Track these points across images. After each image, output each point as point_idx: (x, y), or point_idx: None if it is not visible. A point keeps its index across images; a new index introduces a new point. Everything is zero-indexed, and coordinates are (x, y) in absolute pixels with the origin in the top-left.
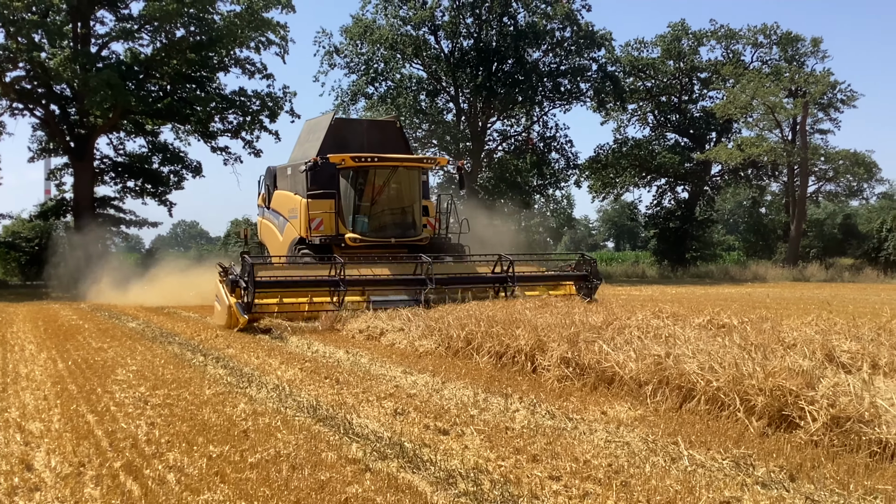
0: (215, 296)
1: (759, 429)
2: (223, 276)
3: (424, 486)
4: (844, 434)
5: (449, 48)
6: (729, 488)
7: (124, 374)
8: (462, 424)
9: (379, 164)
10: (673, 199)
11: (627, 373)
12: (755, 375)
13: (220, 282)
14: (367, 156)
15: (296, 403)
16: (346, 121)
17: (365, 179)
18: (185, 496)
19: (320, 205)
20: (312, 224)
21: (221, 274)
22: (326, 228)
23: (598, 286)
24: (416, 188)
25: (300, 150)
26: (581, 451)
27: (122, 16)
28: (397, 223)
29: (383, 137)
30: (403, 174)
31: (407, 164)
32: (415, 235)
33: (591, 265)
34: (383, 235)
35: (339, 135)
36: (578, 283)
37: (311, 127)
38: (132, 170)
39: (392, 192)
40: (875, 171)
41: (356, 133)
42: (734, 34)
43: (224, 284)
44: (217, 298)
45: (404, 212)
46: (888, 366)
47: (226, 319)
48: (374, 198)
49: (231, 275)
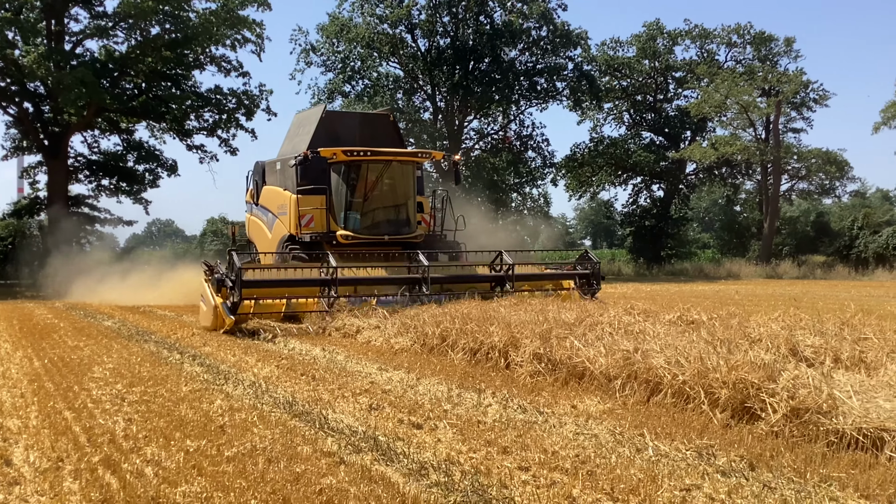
0: (200, 295)
1: (722, 420)
2: (209, 274)
3: (397, 477)
4: (803, 425)
5: (426, 46)
6: (690, 477)
7: (101, 372)
8: (435, 419)
9: (372, 159)
10: (648, 198)
11: (597, 368)
12: (719, 369)
13: (206, 281)
14: (360, 150)
15: (272, 399)
16: (338, 114)
17: (357, 174)
18: (162, 488)
19: (311, 201)
20: (303, 221)
21: (207, 273)
22: (317, 225)
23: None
24: (411, 183)
25: (290, 145)
26: (550, 443)
27: (96, 13)
28: (391, 220)
29: (376, 131)
30: (397, 169)
31: (401, 158)
32: (409, 233)
33: (593, 263)
34: (376, 233)
35: (331, 128)
36: (580, 281)
37: (301, 120)
38: (107, 168)
39: (385, 188)
40: (847, 169)
41: (348, 126)
42: (708, 34)
43: (209, 284)
44: (202, 298)
45: (398, 208)
46: (849, 360)
47: (211, 320)
48: (366, 193)
49: (217, 273)
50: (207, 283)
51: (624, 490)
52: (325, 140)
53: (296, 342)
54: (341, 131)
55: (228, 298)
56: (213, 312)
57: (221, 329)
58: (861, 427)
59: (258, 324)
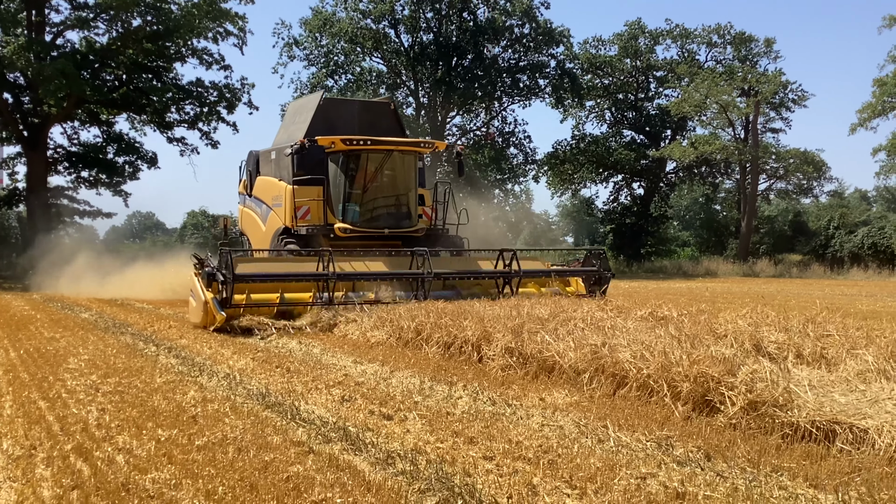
0: (190, 290)
1: (684, 413)
2: (199, 268)
3: (364, 465)
4: (760, 417)
5: (409, 42)
6: (647, 466)
7: (76, 363)
8: (406, 410)
9: (372, 148)
10: (629, 196)
11: (567, 361)
12: (681, 363)
13: (196, 275)
14: (359, 138)
15: (245, 391)
16: (337, 101)
17: (356, 164)
18: (132, 475)
19: (307, 192)
20: (298, 213)
21: (197, 266)
22: (314, 218)
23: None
24: (412, 175)
25: (285, 133)
26: (515, 434)
27: (77, 4)
28: (391, 213)
29: (376, 119)
30: (398, 159)
31: (402, 147)
32: (410, 226)
33: (601, 259)
34: (376, 226)
35: (329, 116)
36: (587, 278)
37: (298, 108)
38: (86, 159)
39: (386, 179)
40: (824, 169)
41: (347, 114)
42: (689, 34)
43: (199, 278)
44: (192, 293)
45: (398, 200)
46: (811, 355)
47: (201, 317)
48: (366, 184)
49: (207, 267)
50: (197, 278)
51: (582, 478)
52: (323, 128)
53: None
54: (340, 119)
55: (219, 293)
56: (203, 308)
57: (212, 326)
58: (815, 420)
59: (250, 321)
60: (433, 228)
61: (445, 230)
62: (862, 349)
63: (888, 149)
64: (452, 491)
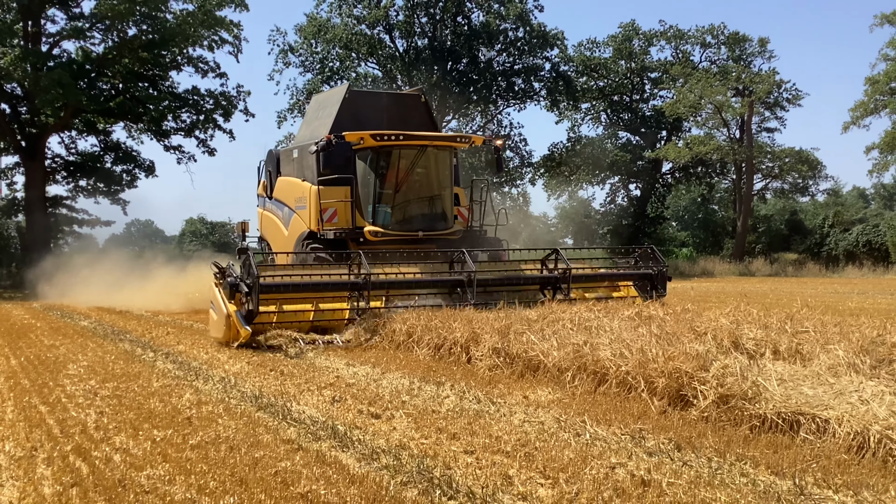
0: (210, 302)
1: (659, 407)
2: (219, 278)
3: (350, 461)
4: (730, 410)
5: (404, 47)
6: (618, 457)
7: (75, 369)
8: (393, 409)
9: (405, 143)
10: (626, 197)
11: (551, 360)
12: (657, 360)
13: (216, 285)
14: (391, 133)
15: (239, 393)
16: (364, 94)
17: (388, 162)
18: (129, 472)
19: (334, 192)
20: (325, 215)
21: (217, 276)
22: (341, 220)
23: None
24: (448, 172)
25: (308, 130)
26: (497, 430)
27: (73, 14)
28: (425, 214)
29: (406, 113)
30: (432, 155)
31: (437, 143)
32: (445, 228)
33: (657, 261)
34: (409, 228)
35: (355, 110)
36: (641, 282)
37: (321, 102)
38: (84, 168)
39: (419, 177)
40: (820, 168)
41: (375, 108)
42: (683, 34)
43: (221, 288)
44: (212, 305)
45: (433, 200)
46: (787, 351)
47: (223, 332)
48: (398, 183)
49: (230, 276)
50: (218, 288)
51: (555, 468)
52: (349, 124)
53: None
54: (367, 113)
55: (243, 306)
56: (226, 322)
57: (235, 342)
58: (780, 411)
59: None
60: (470, 230)
61: (483, 231)
62: (835, 344)
63: (881, 147)
64: (431, 482)
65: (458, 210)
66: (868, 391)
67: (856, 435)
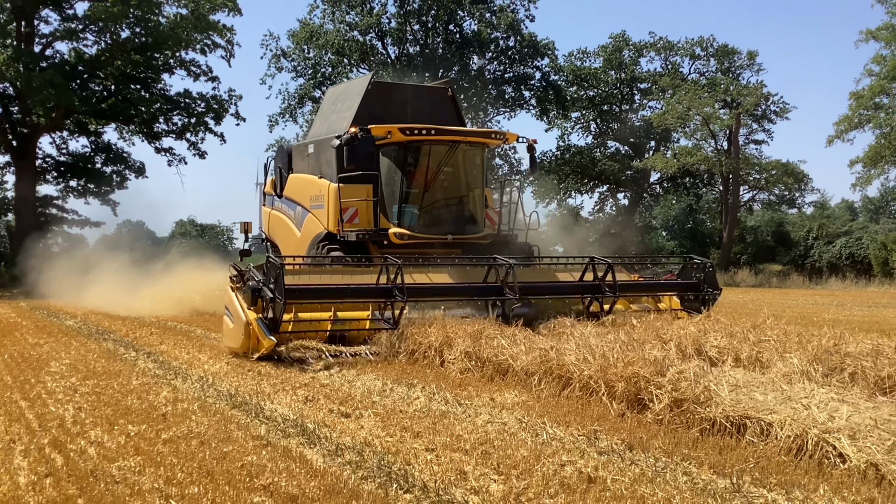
0: (225, 307)
1: (618, 410)
2: (236, 281)
3: (316, 456)
4: (683, 413)
5: (395, 54)
6: (569, 455)
7: (57, 367)
8: (363, 409)
9: (436, 139)
10: (614, 206)
11: (519, 364)
12: (617, 365)
13: (233, 289)
14: (422, 127)
15: (216, 392)
16: (387, 86)
17: (416, 158)
18: (101, 464)
19: (355, 191)
20: (345, 215)
21: (234, 279)
22: (362, 221)
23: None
24: (479, 171)
25: (323, 124)
26: (460, 430)
27: (66, 16)
28: (454, 216)
29: (432, 108)
30: (464, 153)
31: (471, 138)
32: (476, 232)
33: (706, 271)
34: (438, 231)
35: (377, 103)
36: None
37: (339, 94)
38: (75, 169)
39: (449, 176)
40: (806, 180)
41: (398, 101)
42: (672, 46)
43: (238, 293)
44: (227, 312)
45: (462, 201)
46: (748, 358)
47: (241, 341)
48: (427, 182)
49: (252, 281)
50: (236, 293)
51: (509, 465)
52: (370, 118)
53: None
54: (389, 107)
55: (265, 313)
56: (245, 331)
57: (256, 353)
58: (729, 415)
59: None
60: (499, 234)
61: (514, 236)
62: (792, 353)
63: (864, 161)
64: (390, 477)
65: (486, 213)
66: (818, 398)
67: (795, 438)
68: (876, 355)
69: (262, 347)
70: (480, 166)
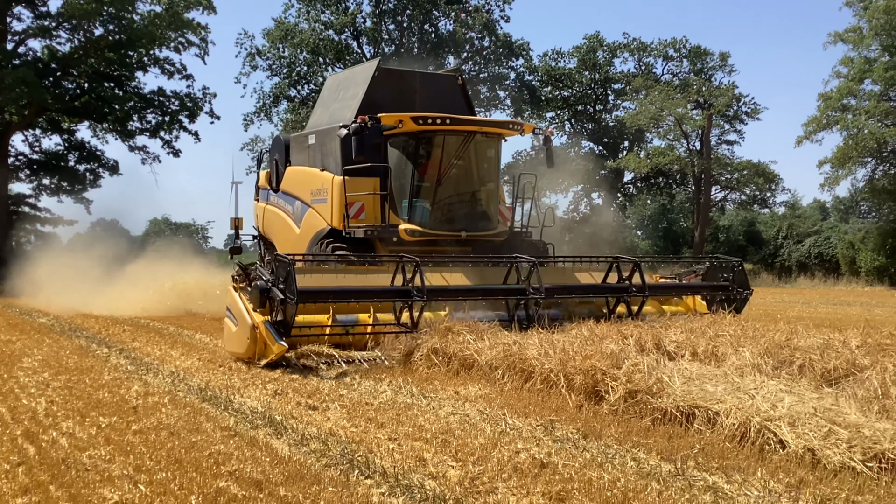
0: (227, 309)
1: (576, 402)
2: (239, 280)
3: (282, 446)
4: (637, 404)
5: (371, 53)
6: (525, 443)
7: (30, 363)
8: (330, 401)
9: (451, 129)
10: (588, 206)
11: (483, 359)
12: (576, 358)
13: (236, 289)
14: (436, 116)
15: (186, 386)
16: (394, 73)
17: (429, 150)
18: (73, 453)
19: (361, 184)
20: (351, 210)
21: (238, 278)
22: (369, 217)
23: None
24: (494, 164)
25: (325, 113)
26: (423, 421)
27: (40, 13)
28: (468, 212)
29: (441, 96)
30: (479, 144)
31: (487, 128)
32: (490, 228)
33: (734, 271)
34: (451, 228)
35: (383, 91)
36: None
37: (342, 81)
38: (48, 167)
39: (463, 169)
40: (777, 180)
41: (406, 89)
42: (646, 47)
43: (242, 294)
44: (229, 314)
45: (476, 196)
46: (704, 352)
47: (245, 346)
48: (440, 175)
49: (259, 280)
50: (239, 294)
51: (466, 452)
52: (374, 106)
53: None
54: (396, 95)
55: (274, 315)
56: (250, 335)
57: (263, 359)
58: (679, 405)
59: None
60: (512, 231)
61: (528, 233)
62: (744, 347)
63: (832, 161)
64: (352, 464)
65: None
66: (766, 389)
67: (739, 425)
68: (824, 349)
69: (270, 353)
70: (495, 159)
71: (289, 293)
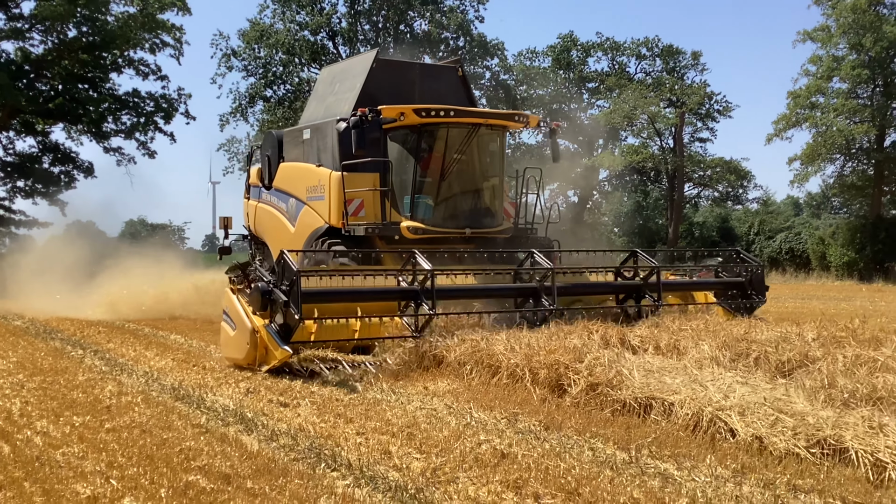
0: (223, 312)
1: (540, 395)
2: (237, 282)
3: (251, 441)
4: (598, 396)
5: (347, 53)
6: (488, 435)
7: (4, 365)
8: (301, 398)
9: (455, 121)
10: (564, 204)
11: (452, 355)
12: (540, 353)
13: (234, 291)
14: (439, 108)
15: (160, 386)
16: (392, 64)
17: (431, 144)
18: (47, 451)
19: (360, 180)
20: (350, 207)
21: (236, 279)
22: (369, 214)
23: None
24: (498, 158)
25: (320, 106)
26: (391, 415)
27: (12, 15)
28: (472, 208)
29: (441, 88)
30: (484, 137)
31: (492, 121)
32: (495, 225)
33: (754, 269)
34: (455, 225)
35: (381, 83)
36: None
37: (337, 74)
38: (22, 169)
39: (466, 163)
40: (749, 177)
41: (404, 81)
42: (619, 46)
43: (240, 296)
44: (227, 317)
45: (480, 191)
46: (666, 346)
47: (245, 351)
48: (444, 170)
49: (260, 281)
50: (237, 296)
51: (430, 445)
52: (372, 99)
53: (194, 340)
54: (395, 87)
55: (274, 319)
56: (250, 340)
57: (265, 366)
58: (637, 396)
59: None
60: (517, 228)
61: (533, 230)
62: (704, 341)
63: (802, 158)
64: (320, 457)
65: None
66: (722, 380)
67: (693, 415)
68: (780, 342)
69: (273, 359)
70: (499, 153)
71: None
